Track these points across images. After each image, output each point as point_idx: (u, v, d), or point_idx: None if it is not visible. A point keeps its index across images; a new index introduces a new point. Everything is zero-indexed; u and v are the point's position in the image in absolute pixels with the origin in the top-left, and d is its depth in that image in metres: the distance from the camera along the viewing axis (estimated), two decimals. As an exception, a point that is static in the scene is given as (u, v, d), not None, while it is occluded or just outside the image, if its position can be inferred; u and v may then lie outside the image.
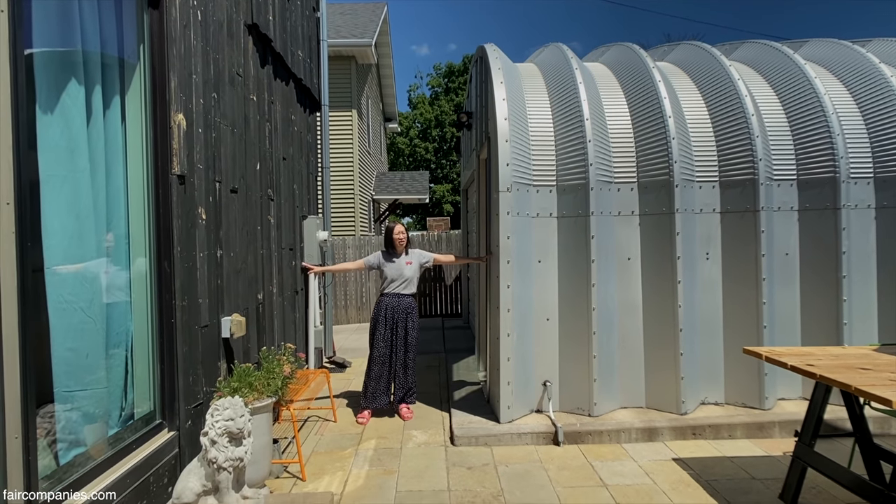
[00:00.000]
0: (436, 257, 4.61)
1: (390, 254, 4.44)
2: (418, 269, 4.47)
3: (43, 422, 2.07)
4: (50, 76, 2.11)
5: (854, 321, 4.06)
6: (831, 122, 4.10)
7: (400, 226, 4.45)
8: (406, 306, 4.36)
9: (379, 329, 4.34)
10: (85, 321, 2.28)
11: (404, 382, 4.40)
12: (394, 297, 4.36)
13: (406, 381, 4.40)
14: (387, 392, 4.38)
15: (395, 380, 4.40)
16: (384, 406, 4.38)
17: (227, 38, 3.48)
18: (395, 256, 4.41)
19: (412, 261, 4.43)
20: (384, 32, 13.94)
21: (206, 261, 3.10)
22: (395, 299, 4.35)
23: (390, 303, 4.35)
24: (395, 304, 4.34)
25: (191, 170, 2.93)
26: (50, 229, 2.07)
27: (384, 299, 4.38)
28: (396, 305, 4.34)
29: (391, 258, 4.41)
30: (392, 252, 4.43)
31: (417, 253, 4.51)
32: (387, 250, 4.46)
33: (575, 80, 4.15)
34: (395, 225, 4.44)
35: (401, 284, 4.36)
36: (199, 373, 2.96)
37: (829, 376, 2.44)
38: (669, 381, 3.98)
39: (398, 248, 4.41)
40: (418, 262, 4.47)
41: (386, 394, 4.37)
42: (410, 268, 4.40)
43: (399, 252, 4.42)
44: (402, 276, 4.36)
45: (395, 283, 4.36)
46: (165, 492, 2.58)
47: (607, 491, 3.07)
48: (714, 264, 4.15)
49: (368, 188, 14.12)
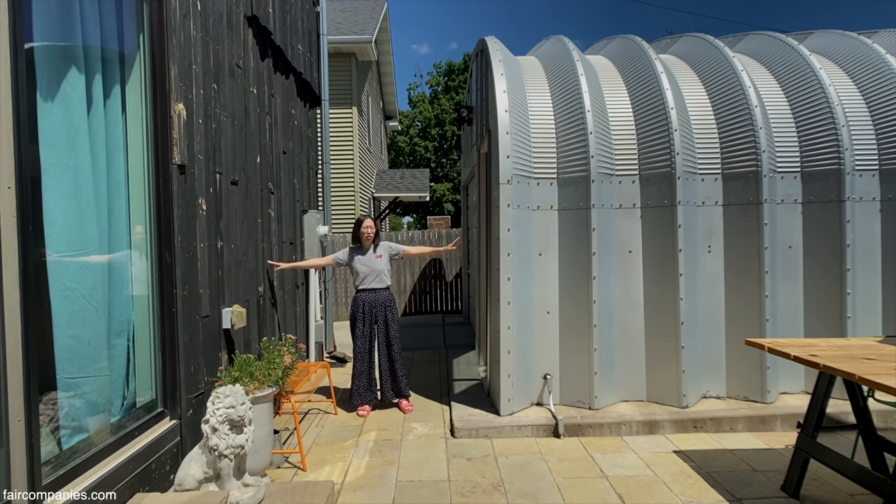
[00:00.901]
0: (406, 249, 4.53)
1: (359, 249, 4.39)
2: (388, 261, 4.43)
3: (46, 409, 2.07)
4: (50, 64, 2.10)
5: (858, 314, 4.05)
6: (836, 114, 4.08)
7: (369, 220, 4.39)
8: (383, 300, 4.34)
9: (357, 325, 4.32)
10: (87, 308, 2.28)
11: (393, 376, 4.37)
12: (370, 293, 4.33)
13: (395, 374, 4.36)
14: (371, 388, 4.35)
15: (382, 374, 4.37)
16: (372, 402, 4.36)
17: (226, 30, 3.48)
18: (364, 251, 4.38)
19: (382, 254, 4.39)
20: (384, 30, 13.93)
21: (207, 251, 3.09)
22: (371, 294, 4.33)
23: (367, 298, 4.32)
24: (371, 298, 4.32)
25: (191, 160, 2.93)
26: (51, 216, 2.07)
27: (360, 295, 4.35)
28: (374, 300, 4.32)
29: (360, 253, 4.37)
30: (360, 247, 4.39)
31: (386, 245, 4.47)
32: (355, 245, 4.42)
33: (576, 72, 4.14)
34: (364, 219, 4.38)
35: (374, 279, 4.33)
36: (200, 363, 2.96)
37: (832, 366, 2.43)
38: (671, 374, 3.97)
39: (365, 243, 4.36)
40: (388, 255, 4.43)
41: (371, 390, 4.35)
42: (381, 261, 4.36)
43: (367, 246, 4.38)
44: (374, 271, 4.33)
45: (368, 279, 4.33)
46: (167, 479, 2.58)
47: (608, 482, 3.06)
48: (716, 257, 4.14)
49: (369, 185, 14.12)
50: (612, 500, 2.85)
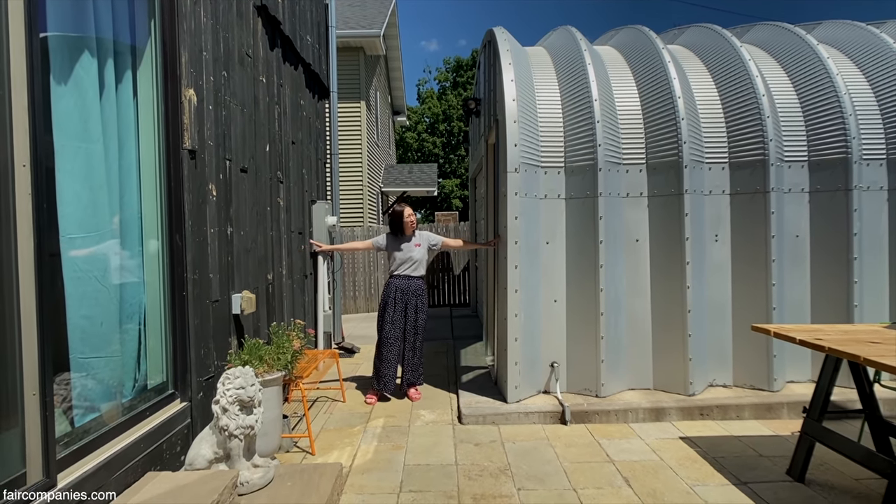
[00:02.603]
0: (444, 241, 4.60)
1: (398, 236, 4.44)
2: (427, 251, 4.48)
3: (59, 388, 2.11)
4: (63, 48, 2.14)
5: (865, 303, 4.03)
6: (844, 103, 4.06)
7: (409, 208, 4.46)
8: (416, 288, 4.37)
9: (388, 311, 4.35)
10: (99, 290, 2.33)
11: (413, 365, 4.42)
12: (403, 279, 4.37)
13: (415, 363, 4.42)
14: (395, 375, 4.40)
15: (404, 362, 4.42)
16: (393, 388, 4.40)
17: (236, 18, 3.51)
18: (404, 238, 4.42)
19: (421, 243, 4.44)
20: (392, 24, 13.94)
21: (217, 237, 3.13)
22: (405, 281, 4.36)
23: (400, 284, 4.36)
24: (405, 285, 4.35)
25: (201, 146, 2.96)
26: (64, 197, 2.11)
27: (393, 281, 4.38)
28: (406, 287, 4.35)
29: (400, 240, 4.42)
30: (401, 234, 4.44)
31: (426, 235, 4.52)
32: (394, 233, 4.47)
33: (584, 62, 4.14)
34: (405, 207, 4.44)
35: (410, 266, 4.37)
36: (210, 346, 3.00)
37: (838, 348, 2.43)
38: (677, 362, 3.97)
39: (407, 231, 4.41)
40: (427, 245, 4.48)
41: (395, 377, 4.40)
42: (419, 250, 4.41)
43: (408, 234, 4.43)
44: (412, 259, 4.37)
45: (404, 265, 4.37)
46: (178, 459, 2.62)
47: (614, 466, 3.08)
48: (723, 246, 4.13)
49: (377, 180, 14.16)
50: (618, 483, 2.87)
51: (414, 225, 4.44)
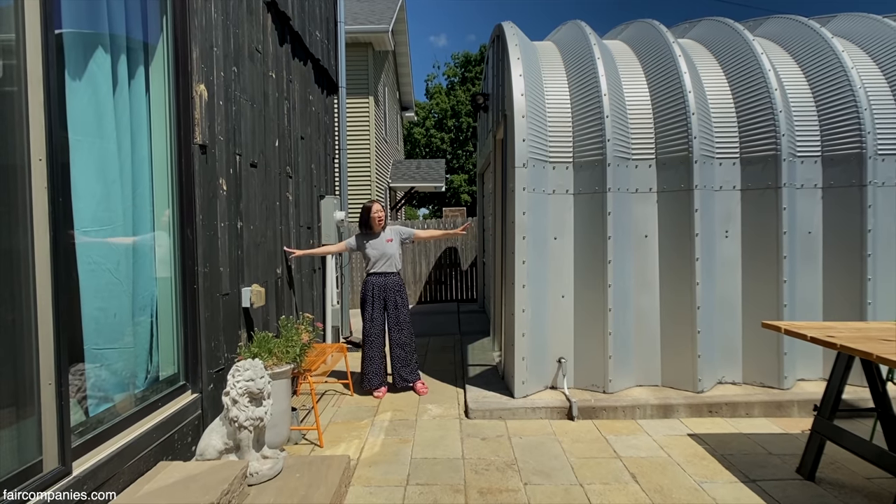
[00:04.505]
0: (416, 233, 4.51)
1: (369, 234, 4.40)
2: (399, 245, 4.45)
3: (74, 379, 2.15)
4: (77, 45, 2.17)
5: (878, 300, 3.98)
6: (858, 97, 4.00)
7: (377, 204, 4.40)
8: (393, 284, 4.36)
9: (367, 309, 4.35)
10: (113, 282, 2.36)
11: (404, 360, 4.37)
12: (380, 276, 4.36)
13: (406, 358, 4.37)
14: (381, 372, 4.38)
15: (394, 359, 4.38)
16: (382, 387, 4.38)
17: (246, 14, 3.53)
18: (374, 235, 4.39)
19: (392, 238, 4.39)
20: (401, 20, 13.92)
21: (227, 231, 3.16)
22: (381, 278, 4.35)
23: (377, 282, 4.35)
24: (381, 282, 4.35)
25: (212, 141, 2.99)
26: (79, 191, 2.14)
27: (371, 279, 4.37)
28: (384, 284, 4.35)
29: (370, 237, 4.38)
30: (370, 231, 4.40)
31: (396, 229, 4.47)
32: (364, 231, 4.43)
33: (593, 56, 4.12)
34: (373, 204, 4.38)
35: (385, 263, 4.35)
36: (220, 339, 3.04)
37: (850, 346, 2.41)
38: (686, 359, 3.95)
39: (376, 227, 4.35)
40: (399, 239, 4.44)
41: (381, 374, 4.38)
42: (392, 245, 4.37)
43: (377, 230, 4.38)
44: (385, 255, 4.35)
45: (379, 262, 4.35)
46: (189, 450, 2.66)
47: (621, 462, 3.08)
48: (733, 242, 4.10)
49: (385, 175, 14.18)
50: (625, 478, 2.87)
51: (382, 221, 4.37)
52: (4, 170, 1.73)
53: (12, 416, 1.74)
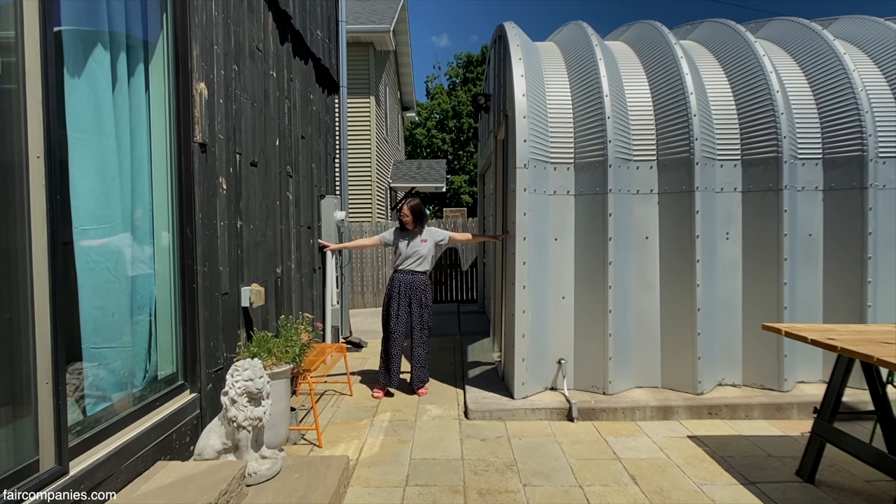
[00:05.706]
0: (451, 235, 4.59)
1: (405, 231, 4.45)
2: (433, 247, 4.47)
3: (72, 378, 2.14)
4: (77, 42, 2.16)
5: (879, 303, 3.98)
6: (860, 100, 3.99)
7: (406, 207, 4.43)
8: (420, 283, 4.38)
9: (392, 305, 4.36)
10: (111, 281, 2.35)
11: (421, 361, 4.41)
12: (408, 274, 4.37)
13: (423, 359, 4.41)
14: (401, 370, 4.40)
15: (412, 359, 4.42)
16: (400, 383, 4.41)
17: (247, 12, 3.52)
18: (411, 234, 4.43)
19: (427, 238, 4.43)
20: (402, 20, 13.92)
21: (227, 230, 3.15)
22: (409, 276, 4.37)
23: (404, 279, 4.36)
24: (409, 280, 4.36)
25: (212, 139, 2.98)
26: (77, 189, 2.13)
27: (398, 275, 4.39)
28: (411, 282, 4.36)
29: (406, 236, 4.43)
30: (406, 229, 4.45)
31: (433, 231, 4.52)
32: (402, 228, 4.49)
33: (595, 57, 4.11)
34: (403, 205, 4.45)
35: (415, 261, 4.37)
36: (219, 338, 3.03)
37: (850, 348, 2.41)
38: (686, 360, 3.95)
39: (409, 226, 4.41)
40: (433, 241, 4.47)
41: (399, 372, 4.40)
42: (425, 245, 4.41)
43: (411, 230, 4.43)
44: (417, 254, 4.37)
45: (409, 260, 4.38)
46: (187, 450, 2.65)
47: (621, 463, 3.07)
48: (734, 244, 4.09)
49: (385, 175, 14.17)
50: (624, 480, 2.86)
51: (410, 222, 4.40)
52: (2, 167, 1.72)
53: (9, 415, 1.73)
